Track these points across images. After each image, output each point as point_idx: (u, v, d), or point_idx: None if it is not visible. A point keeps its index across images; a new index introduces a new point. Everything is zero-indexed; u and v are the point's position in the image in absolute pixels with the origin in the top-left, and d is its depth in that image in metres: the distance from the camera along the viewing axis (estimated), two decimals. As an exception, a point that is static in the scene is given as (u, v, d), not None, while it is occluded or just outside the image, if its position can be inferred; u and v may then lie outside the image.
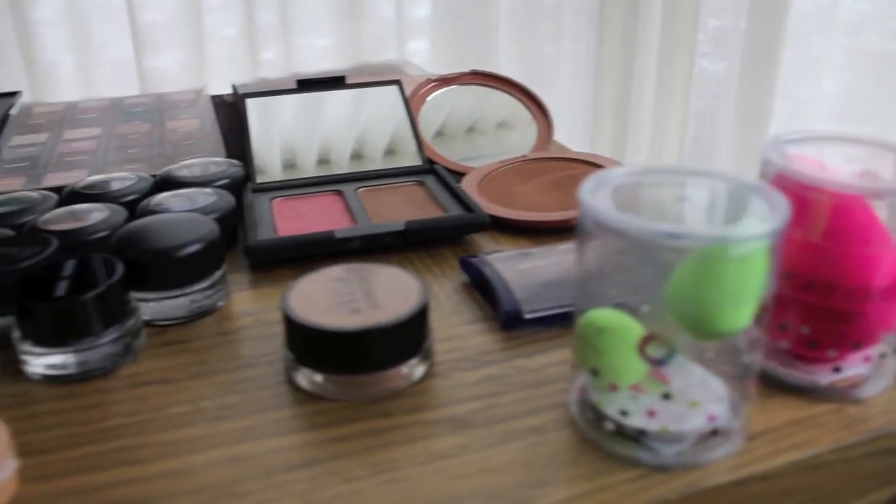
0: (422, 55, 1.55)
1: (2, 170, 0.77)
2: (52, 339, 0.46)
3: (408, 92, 0.79)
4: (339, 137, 0.75)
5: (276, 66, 1.46)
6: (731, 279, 0.36)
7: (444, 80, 0.82)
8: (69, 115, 0.96)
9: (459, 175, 0.73)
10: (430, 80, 0.82)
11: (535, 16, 1.54)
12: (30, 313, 0.46)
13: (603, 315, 0.39)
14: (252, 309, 0.54)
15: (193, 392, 0.45)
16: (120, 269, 0.47)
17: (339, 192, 0.68)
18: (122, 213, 0.58)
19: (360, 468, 0.40)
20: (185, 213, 0.57)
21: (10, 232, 0.57)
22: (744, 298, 0.36)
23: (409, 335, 0.45)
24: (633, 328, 0.38)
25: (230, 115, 0.93)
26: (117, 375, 0.47)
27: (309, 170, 0.73)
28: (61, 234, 0.54)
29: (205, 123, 0.90)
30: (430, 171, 0.71)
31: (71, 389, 0.46)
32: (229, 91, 0.97)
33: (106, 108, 0.99)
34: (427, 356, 0.46)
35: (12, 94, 1.01)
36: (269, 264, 0.60)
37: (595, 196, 0.38)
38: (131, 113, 0.95)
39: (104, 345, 0.47)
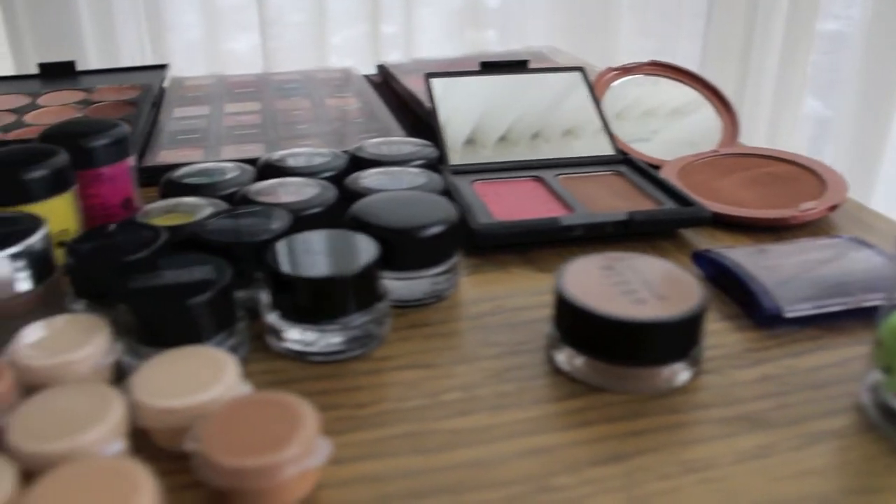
0: (489, 44, 1.55)
1: (174, 141, 0.75)
2: (310, 316, 0.44)
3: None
4: (524, 122, 0.73)
5: (345, 51, 1.46)
6: None
7: (625, 70, 0.79)
8: (223, 90, 0.96)
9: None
10: (610, 69, 0.79)
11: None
12: (289, 288, 0.43)
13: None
14: (488, 294, 0.52)
15: (461, 379, 0.43)
16: (376, 248, 0.43)
17: (538, 179, 0.65)
18: (331, 188, 0.56)
19: (669, 465, 0.37)
20: (417, 193, 0.55)
21: (222, 203, 0.56)
22: None
23: (693, 330, 0.43)
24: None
25: (382, 94, 0.94)
26: (371, 357, 0.45)
27: (496, 153, 0.70)
28: (280, 207, 0.53)
29: (367, 102, 0.89)
30: (624, 161, 0.68)
31: (328, 369, 0.45)
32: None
33: (257, 83, 0.99)
34: (699, 354, 0.44)
35: (161, 67, 0.99)
36: (489, 249, 0.57)
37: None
38: (286, 89, 0.93)
39: (359, 325, 0.45)
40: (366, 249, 0.44)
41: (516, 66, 0.76)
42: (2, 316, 0.45)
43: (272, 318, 0.44)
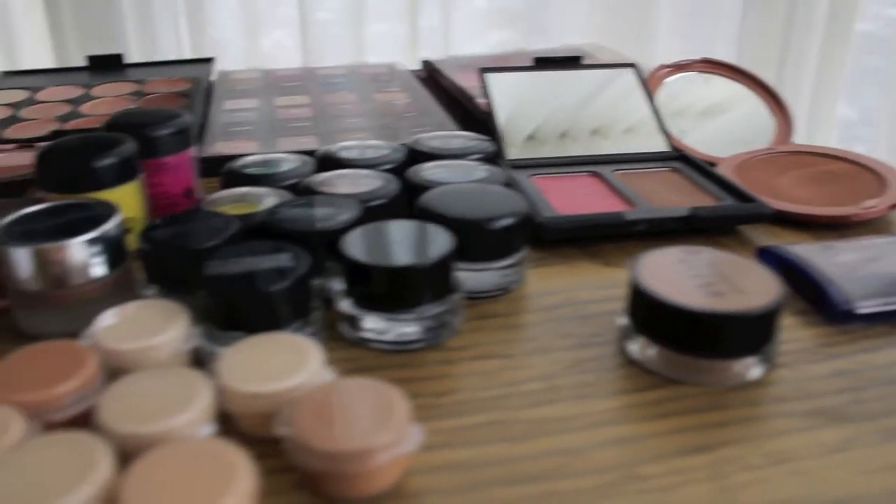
0: (505, 45, 1.55)
1: (227, 133, 0.75)
2: (385, 305, 0.44)
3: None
4: (579, 117, 0.73)
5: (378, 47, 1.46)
6: None
7: (678, 67, 0.79)
8: (269, 83, 0.96)
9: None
10: (663, 66, 0.79)
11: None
12: (366, 277, 0.44)
13: None
14: (555, 287, 0.52)
15: (538, 369, 0.43)
16: (451, 239, 0.43)
17: (596, 174, 0.65)
18: (393, 180, 0.56)
19: (754, 457, 0.37)
20: (484, 185, 0.55)
21: (285, 193, 0.56)
22: None
23: (771, 324, 0.43)
24: None
25: (429, 89, 0.94)
26: (445, 347, 0.45)
27: (551, 148, 0.70)
28: (347, 198, 0.53)
29: (416, 97, 0.90)
30: (679, 157, 0.67)
31: (403, 359, 0.45)
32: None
33: (303, 77, 0.99)
34: (774, 348, 0.44)
35: (207, 61, 1.00)
36: (553, 243, 0.57)
37: None
38: (332, 83, 0.93)
39: (435, 315, 0.45)
40: (441, 240, 0.44)
41: (569, 61, 0.76)
42: (76, 301, 0.45)
43: (347, 306, 0.44)
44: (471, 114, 0.84)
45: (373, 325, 0.43)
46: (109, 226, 0.46)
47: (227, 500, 0.29)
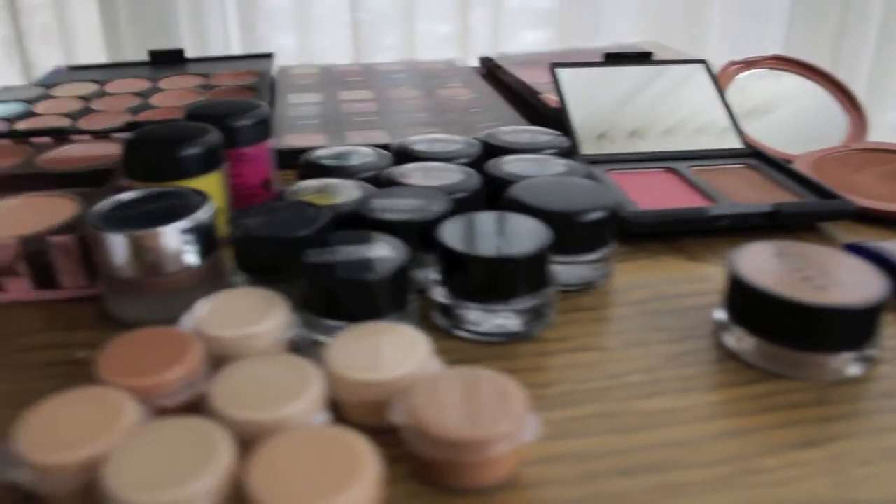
0: (552, 45, 1.55)
1: (296, 126, 0.75)
2: (483, 296, 0.44)
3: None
4: (651, 113, 0.73)
5: (395, 51, 1.48)
6: None
7: (748, 63, 0.78)
8: (330, 78, 0.97)
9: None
10: (733, 63, 0.78)
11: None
12: (463, 267, 0.44)
13: None
14: (643, 281, 0.52)
15: (639, 362, 0.43)
16: (547, 231, 0.43)
17: (672, 170, 0.64)
18: (474, 173, 0.55)
19: (869, 452, 0.37)
20: (571, 179, 0.55)
21: (367, 184, 0.56)
22: None
23: (875, 318, 0.42)
24: None
25: (490, 85, 0.94)
26: (541, 339, 0.45)
27: (625, 144, 0.70)
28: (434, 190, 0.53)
29: (479, 93, 0.90)
30: (754, 154, 0.67)
31: (500, 350, 0.45)
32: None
33: (363, 73, 1.00)
34: (877, 343, 0.43)
35: (267, 56, 1.00)
36: (637, 237, 0.57)
37: None
38: (393, 79, 0.93)
39: (531, 307, 0.45)
40: (538, 232, 0.44)
41: (639, 57, 0.75)
42: (169, 289, 0.45)
43: (443, 296, 0.44)
44: (536, 109, 0.84)
45: (469, 315, 0.43)
46: (202, 214, 0.46)
47: (355, 488, 0.29)
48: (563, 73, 0.72)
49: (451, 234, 0.44)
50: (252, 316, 0.40)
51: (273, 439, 0.31)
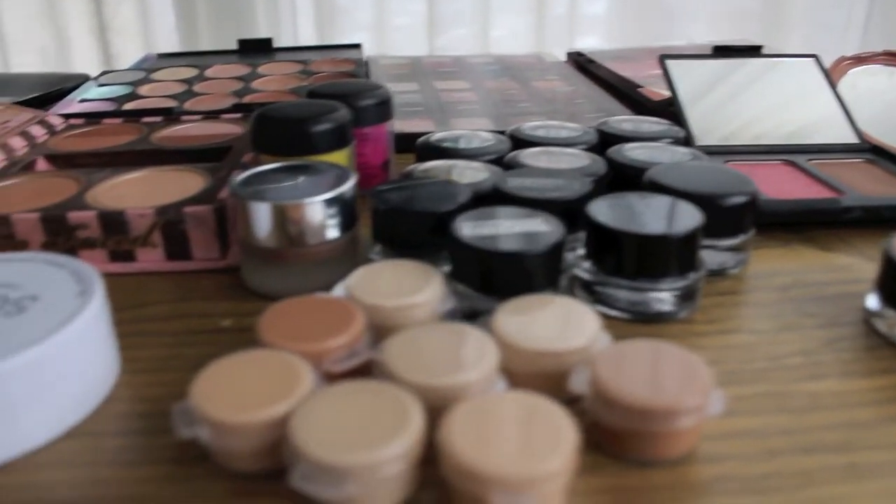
0: (630, 39, 1.53)
1: (400, 113, 0.75)
2: (636, 275, 0.44)
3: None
4: (761, 107, 0.72)
5: (457, 47, 1.48)
6: None
7: (859, 59, 0.77)
8: (422, 68, 0.98)
9: None
10: (844, 58, 0.77)
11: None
12: (616, 245, 0.43)
13: None
14: (781, 269, 0.52)
15: (795, 345, 0.43)
16: (699, 214, 0.42)
17: (791, 163, 0.63)
18: (599, 159, 0.55)
19: None
20: (708, 164, 0.55)
21: (492, 166, 0.56)
22: None
23: None
24: None
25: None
26: (692, 321, 0.45)
27: (737, 136, 0.69)
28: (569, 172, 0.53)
29: (577, 85, 0.90)
30: (871, 149, 0.65)
31: (649, 329, 0.44)
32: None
33: (454, 65, 1.01)
34: None
35: (354, 46, 1.00)
36: (767, 226, 0.56)
37: None
38: (488, 71, 0.93)
39: (682, 287, 0.45)
40: (689, 213, 0.44)
41: (749, 51, 0.74)
42: (308, 261, 0.45)
43: (590, 273, 0.44)
44: (636, 102, 0.83)
45: (618, 294, 0.42)
46: (345, 188, 0.45)
47: (556, 457, 0.28)
48: (673, 66, 0.71)
49: (601, 212, 0.43)
50: (409, 287, 0.39)
51: (467, 405, 0.30)
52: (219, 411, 0.31)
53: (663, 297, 0.43)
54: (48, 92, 0.86)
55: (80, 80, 0.93)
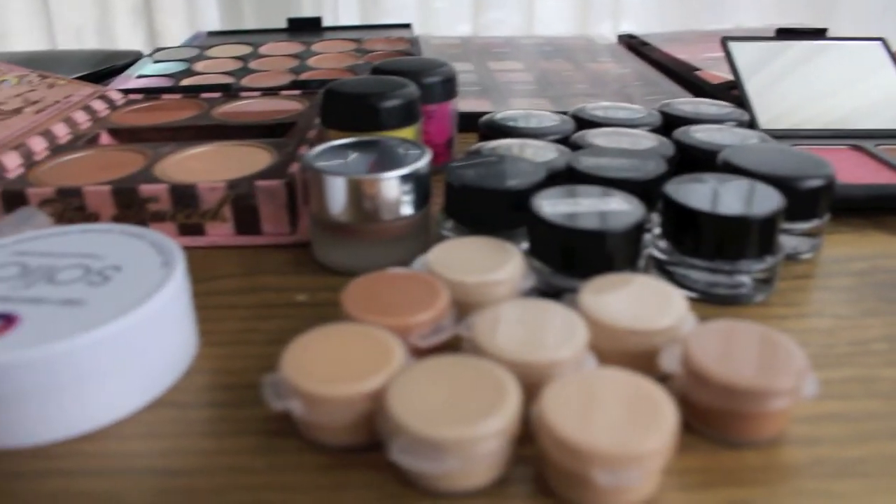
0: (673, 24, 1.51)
1: (459, 92, 0.74)
2: (715, 256, 0.43)
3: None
4: (826, 90, 0.70)
5: (499, 28, 1.48)
6: None
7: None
8: (475, 48, 0.99)
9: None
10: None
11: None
12: (697, 226, 0.43)
13: None
14: (856, 254, 0.51)
15: (878, 330, 0.42)
16: (780, 197, 0.42)
17: (858, 148, 0.62)
18: (666, 141, 0.55)
19: None
20: (782, 146, 0.54)
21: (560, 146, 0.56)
22: None
23: None
24: None
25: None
26: (769, 304, 0.45)
27: (802, 119, 0.68)
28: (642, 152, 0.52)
29: (632, 67, 0.90)
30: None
31: (727, 311, 0.44)
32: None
33: (507, 45, 1.01)
34: None
35: (404, 26, 1.00)
36: (838, 212, 0.56)
37: None
38: (542, 52, 0.93)
39: (763, 269, 0.44)
40: (768, 196, 0.43)
41: (813, 34, 0.73)
42: (381, 238, 0.45)
43: (667, 254, 0.44)
44: (692, 85, 0.82)
45: (694, 275, 0.42)
46: (420, 164, 0.45)
47: (657, 434, 0.28)
48: (736, 48, 0.70)
49: (679, 192, 0.42)
50: (490, 263, 0.39)
51: (563, 381, 0.30)
52: (312, 384, 0.31)
53: (742, 280, 0.42)
54: (105, 68, 0.86)
55: (132, 57, 0.94)
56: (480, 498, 0.31)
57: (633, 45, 1.00)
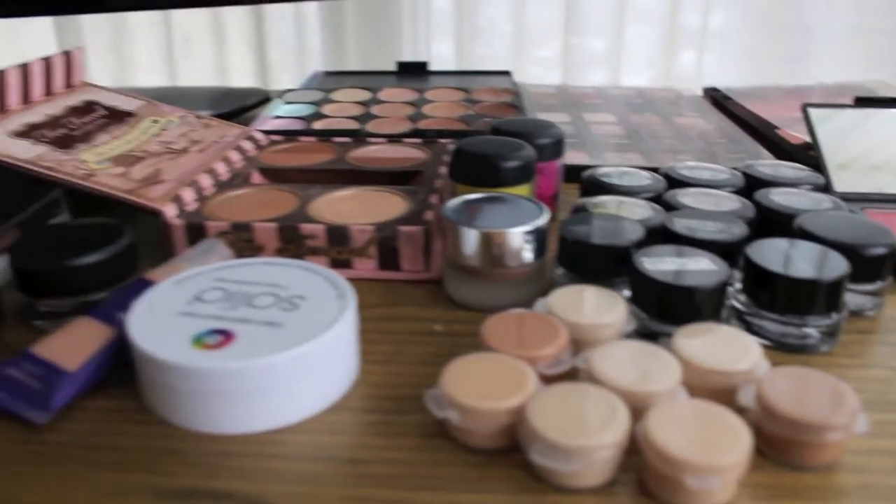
0: (692, 67, 1.58)
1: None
2: (783, 310, 0.52)
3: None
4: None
5: (550, 64, 1.53)
6: None
7: None
8: (570, 99, 1.06)
9: None
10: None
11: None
12: (774, 285, 0.52)
13: None
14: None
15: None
16: (846, 262, 0.51)
17: (924, 213, 0.69)
18: (749, 203, 0.63)
19: None
20: (848, 214, 0.62)
21: (653, 205, 0.64)
22: None
23: None
24: None
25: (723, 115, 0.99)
26: (833, 354, 0.52)
27: (877, 183, 0.75)
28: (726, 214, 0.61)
29: (716, 123, 0.97)
30: None
31: (795, 359, 0.52)
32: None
33: (599, 96, 1.09)
34: None
35: (504, 73, 1.10)
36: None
37: None
38: (633, 105, 1.01)
39: (829, 324, 0.52)
40: (836, 262, 0.52)
41: (891, 101, 0.81)
42: (506, 280, 0.55)
43: (745, 306, 0.53)
44: (773, 143, 0.91)
45: (770, 326, 0.51)
46: (542, 221, 0.55)
47: (736, 451, 0.37)
48: (815, 113, 0.79)
49: (759, 254, 0.52)
50: (600, 308, 0.49)
51: (663, 407, 0.40)
52: (468, 399, 0.41)
53: (810, 332, 0.51)
54: (238, 108, 0.99)
55: (258, 97, 1.07)
56: (596, 495, 0.40)
57: (717, 98, 1.09)
